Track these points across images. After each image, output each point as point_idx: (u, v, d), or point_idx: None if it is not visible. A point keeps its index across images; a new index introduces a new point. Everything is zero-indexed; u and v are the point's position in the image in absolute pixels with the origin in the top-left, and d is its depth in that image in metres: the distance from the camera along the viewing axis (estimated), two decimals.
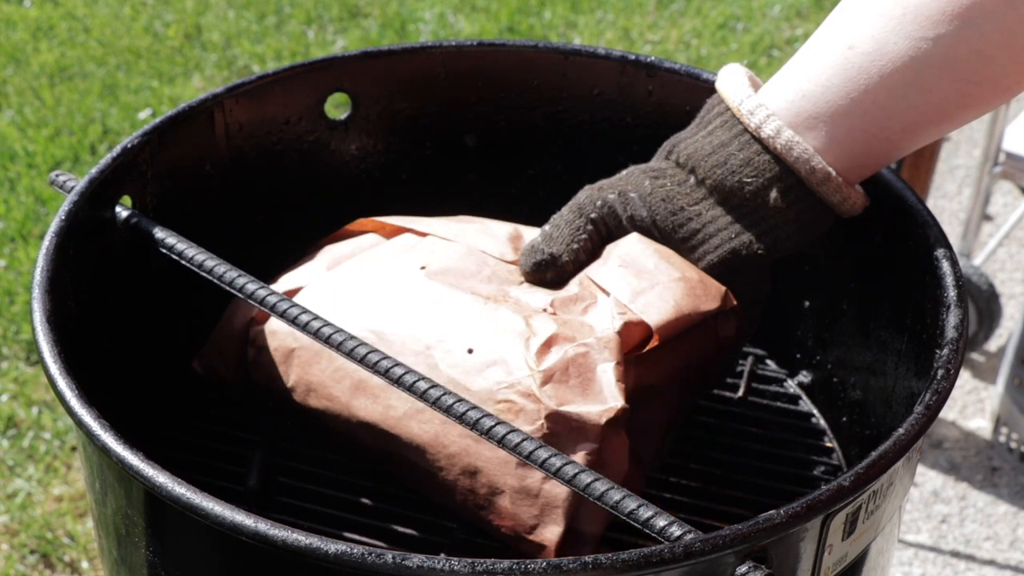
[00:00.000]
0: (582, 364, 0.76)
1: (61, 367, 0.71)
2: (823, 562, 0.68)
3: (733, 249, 0.82)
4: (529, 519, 0.76)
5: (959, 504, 1.68)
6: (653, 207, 0.82)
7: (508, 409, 0.75)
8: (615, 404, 0.75)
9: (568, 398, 0.76)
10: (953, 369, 0.73)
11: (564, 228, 0.84)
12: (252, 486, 0.89)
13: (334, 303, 0.84)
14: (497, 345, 0.78)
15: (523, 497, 0.76)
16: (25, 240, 2.16)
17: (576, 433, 0.75)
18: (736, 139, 0.80)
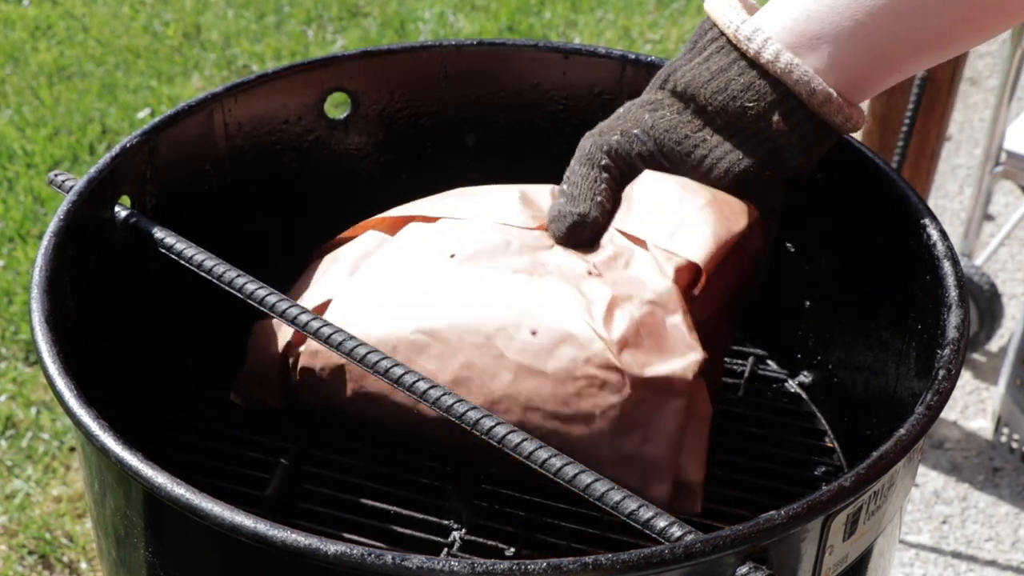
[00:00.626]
0: (650, 323, 0.76)
1: (60, 367, 0.71)
2: (824, 563, 0.68)
3: (743, 170, 0.82)
4: (634, 482, 0.76)
5: (960, 505, 1.68)
6: (658, 139, 0.82)
7: (590, 384, 0.75)
8: (696, 356, 0.76)
9: (648, 361, 0.76)
10: (954, 369, 0.73)
11: (581, 183, 0.83)
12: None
13: (372, 310, 0.82)
14: (559, 321, 0.77)
15: (623, 465, 0.76)
16: (24, 240, 2.16)
17: (664, 394, 0.75)
18: (735, 64, 0.80)
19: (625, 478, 0.74)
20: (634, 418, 0.75)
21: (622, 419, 0.75)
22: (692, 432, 0.77)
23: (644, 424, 0.76)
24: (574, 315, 0.77)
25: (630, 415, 0.75)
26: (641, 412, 0.75)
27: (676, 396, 0.75)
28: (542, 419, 0.76)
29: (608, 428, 0.76)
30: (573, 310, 0.77)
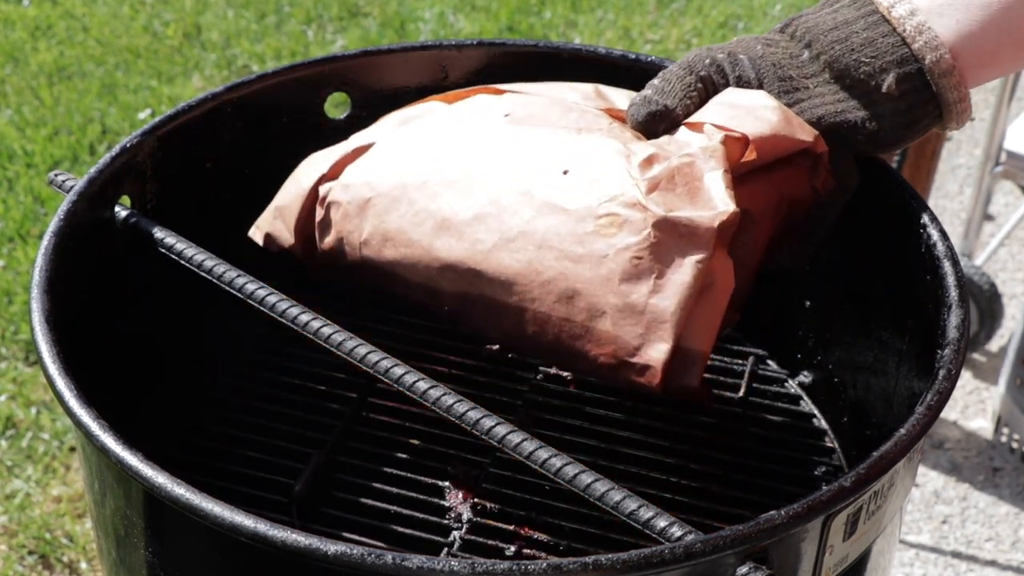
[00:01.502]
0: (688, 173, 0.73)
1: (60, 367, 0.71)
2: (824, 563, 0.68)
3: (835, 124, 0.79)
4: (633, 339, 0.73)
5: (960, 505, 1.68)
6: (762, 71, 0.81)
7: (611, 223, 0.73)
8: (728, 208, 0.72)
9: (676, 204, 0.72)
10: (954, 369, 0.73)
11: (676, 83, 0.81)
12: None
13: (410, 152, 0.82)
14: (595, 164, 0.76)
15: (627, 315, 0.73)
16: (24, 240, 2.16)
17: (686, 241, 0.72)
18: (863, 18, 0.79)
19: (625, 333, 0.72)
20: (648, 264, 0.72)
21: (635, 263, 0.72)
22: (708, 299, 0.73)
23: (658, 272, 0.72)
24: (611, 159, 0.75)
25: (645, 260, 0.72)
26: (657, 258, 0.72)
27: (698, 247, 0.72)
28: (553, 259, 0.74)
29: (619, 271, 0.73)
30: (610, 155, 0.75)
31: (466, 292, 0.78)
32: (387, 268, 0.82)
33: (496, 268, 0.76)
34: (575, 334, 0.75)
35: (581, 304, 0.74)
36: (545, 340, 0.76)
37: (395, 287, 0.83)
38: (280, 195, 0.88)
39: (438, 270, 0.79)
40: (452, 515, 0.87)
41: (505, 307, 0.77)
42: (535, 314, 0.76)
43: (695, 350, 0.73)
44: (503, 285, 0.76)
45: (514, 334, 0.78)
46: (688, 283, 0.72)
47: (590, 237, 0.73)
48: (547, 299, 0.75)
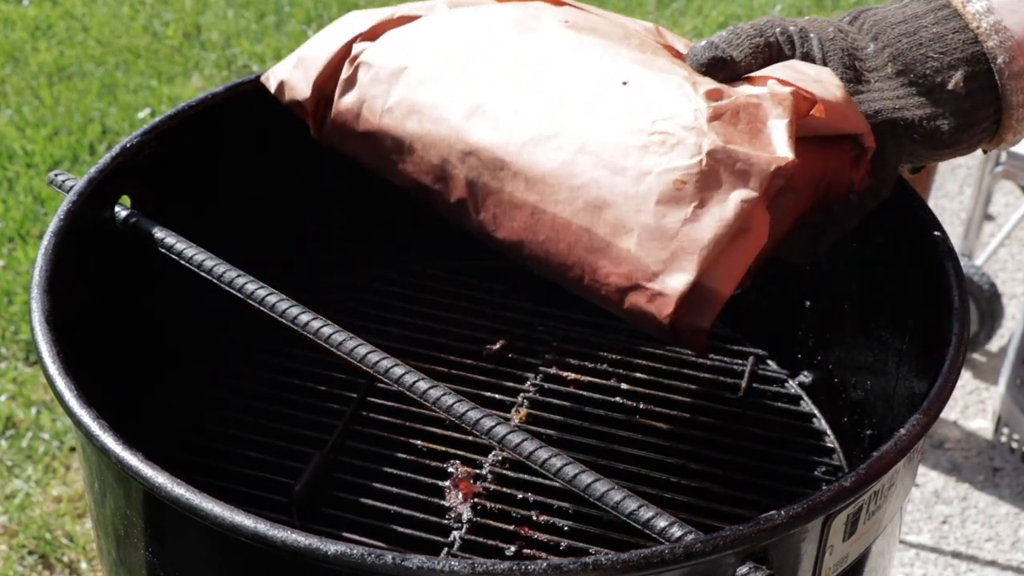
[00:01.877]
0: (753, 113, 0.70)
1: (60, 367, 0.71)
2: (824, 563, 0.68)
3: (892, 120, 0.77)
4: (654, 264, 0.69)
5: (960, 505, 1.68)
6: (829, 54, 0.78)
7: (663, 141, 0.69)
8: (786, 155, 0.69)
9: (735, 139, 0.69)
10: (954, 369, 0.73)
11: (744, 39, 0.78)
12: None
13: (458, 31, 0.80)
14: (656, 81, 0.72)
15: (655, 237, 0.69)
16: (24, 240, 2.16)
17: (737, 177, 0.68)
18: (933, 12, 0.77)
19: (647, 256, 0.69)
20: (692, 191, 0.69)
21: (679, 187, 0.69)
22: (740, 244, 0.69)
23: (699, 201, 0.69)
24: (673, 80, 0.72)
25: (689, 186, 0.69)
26: (703, 186, 0.69)
27: (748, 186, 0.68)
28: (591, 165, 0.71)
29: (659, 191, 0.69)
30: (673, 77, 0.72)
31: (483, 183, 0.75)
32: (404, 141, 0.79)
33: (526, 163, 0.73)
34: (593, 247, 0.71)
35: (609, 216, 0.70)
36: (555, 248, 0.73)
37: (404, 164, 0.80)
38: (307, 46, 0.85)
39: (460, 153, 0.76)
40: (452, 515, 0.87)
41: (522, 205, 0.74)
42: (554, 218, 0.72)
43: (715, 290, 0.69)
44: (529, 182, 0.73)
45: (522, 236, 0.75)
46: (728, 220, 0.68)
47: (637, 151, 0.70)
48: (573, 205, 0.71)
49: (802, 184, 0.75)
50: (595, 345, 1.03)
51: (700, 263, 0.68)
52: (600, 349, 1.02)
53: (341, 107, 0.83)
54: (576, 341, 1.03)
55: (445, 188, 0.78)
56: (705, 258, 0.68)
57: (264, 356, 1.02)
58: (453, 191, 0.78)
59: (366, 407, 0.97)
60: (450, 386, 0.87)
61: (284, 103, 0.86)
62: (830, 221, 0.81)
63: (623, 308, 0.71)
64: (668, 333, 0.70)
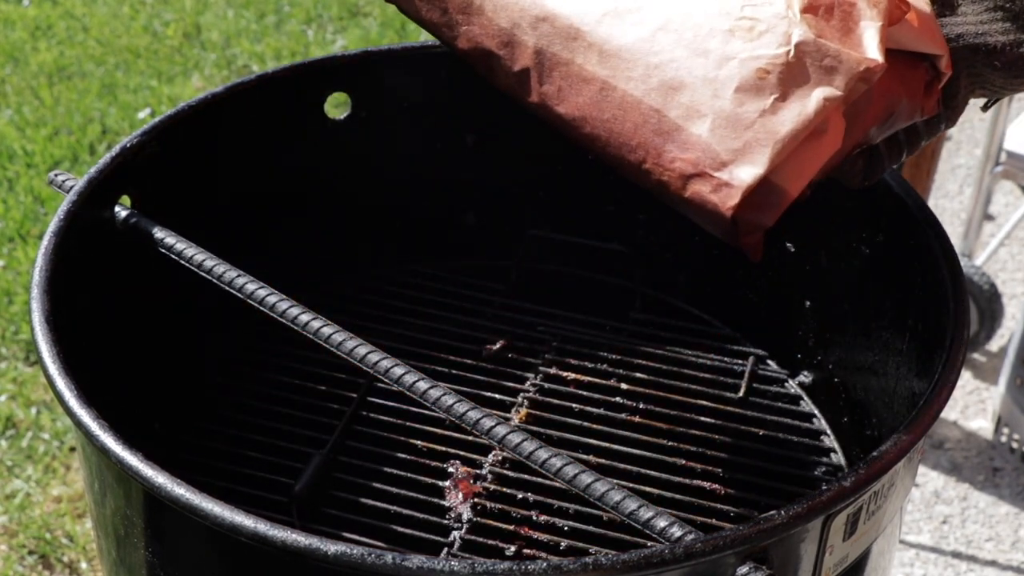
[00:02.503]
0: (847, 12, 0.68)
1: (60, 367, 0.71)
2: (824, 563, 0.68)
3: (974, 45, 0.74)
4: (724, 152, 0.66)
5: (960, 505, 1.68)
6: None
7: (751, 27, 0.67)
8: (876, 57, 0.67)
9: (827, 34, 0.67)
10: (954, 369, 0.73)
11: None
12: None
13: None
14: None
15: (729, 125, 0.67)
16: (24, 240, 2.16)
17: (824, 73, 0.66)
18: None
19: (719, 143, 0.66)
20: (775, 81, 0.66)
21: (762, 76, 0.66)
22: (814, 145, 0.67)
23: (781, 93, 0.66)
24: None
25: (772, 76, 0.66)
26: (787, 78, 0.66)
27: (834, 83, 0.66)
28: (671, 43, 0.69)
29: (739, 77, 0.67)
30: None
31: (553, 52, 0.73)
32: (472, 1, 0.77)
33: (603, 35, 0.70)
34: (661, 129, 0.68)
35: (683, 99, 0.68)
36: (620, 127, 0.70)
37: (470, 26, 0.77)
38: None
39: (533, 19, 0.73)
40: (452, 515, 0.87)
41: (592, 79, 0.71)
42: (624, 96, 0.70)
43: (782, 189, 0.66)
44: (603, 55, 0.71)
45: (586, 113, 0.72)
46: (808, 116, 0.66)
47: (722, 35, 0.67)
48: (646, 83, 0.69)
49: (878, 97, 0.72)
50: (595, 345, 1.03)
51: (772, 157, 0.65)
52: (600, 349, 1.02)
53: None
54: (576, 341, 1.03)
55: (510, 55, 0.75)
56: (778, 153, 0.65)
57: (264, 356, 1.02)
58: (518, 59, 0.75)
59: (366, 407, 0.97)
60: (450, 386, 0.87)
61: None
62: (891, 145, 0.78)
63: (683, 196, 0.68)
64: (727, 227, 0.67)
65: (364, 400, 0.97)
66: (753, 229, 0.67)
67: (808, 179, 0.67)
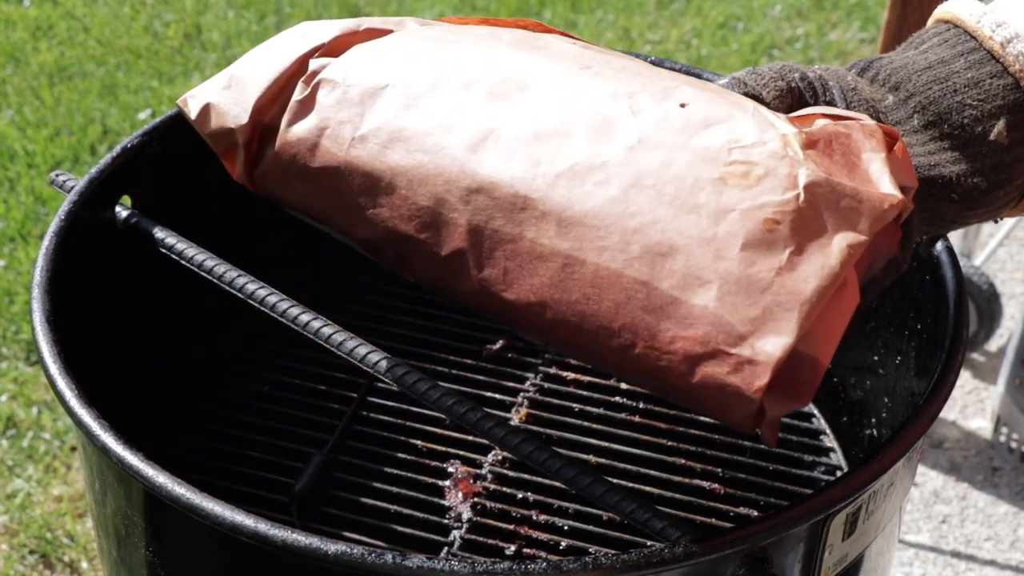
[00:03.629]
0: (846, 144, 0.59)
1: (61, 367, 0.71)
2: (823, 562, 0.68)
3: (928, 179, 0.67)
4: (740, 324, 0.55)
5: (959, 504, 1.68)
6: (852, 104, 0.68)
7: (745, 172, 0.57)
8: (894, 193, 0.57)
9: (835, 171, 0.57)
10: (953, 369, 0.73)
11: (768, 81, 0.68)
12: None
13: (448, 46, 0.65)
14: (722, 103, 0.60)
15: (741, 290, 0.55)
16: (25, 240, 2.16)
17: (843, 216, 0.56)
18: (963, 56, 0.68)
19: (733, 313, 0.55)
20: (787, 232, 0.56)
21: (771, 227, 0.56)
22: (840, 302, 0.56)
23: (796, 246, 0.56)
24: (744, 104, 0.60)
25: (784, 226, 0.56)
26: (801, 227, 0.56)
27: (856, 227, 0.56)
28: (650, 201, 0.57)
29: (745, 232, 0.56)
30: (744, 101, 0.60)
31: (493, 229, 0.60)
32: (381, 178, 0.63)
33: (559, 201, 0.58)
34: (652, 305, 0.56)
35: (676, 265, 0.56)
36: (594, 309, 0.58)
37: (377, 209, 0.64)
38: (242, 63, 0.68)
39: (463, 191, 0.60)
40: (452, 515, 0.87)
41: (550, 256, 0.59)
42: (597, 270, 0.58)
43: (815, 359, 0.55)
44: (562, 225, 0.58)
45: (545, 297, 0.59)
46: (835, 269, 0.55)
47: (712, 184, 0.57)
48: (625, 252, 0.57)
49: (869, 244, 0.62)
50: None
51: (801, 323, 0.54)
52: None
53: (291, 137, 0.66)
54: None
55: (435, 238, 0.62)
56: (806, 316, 0.54)
57: (264, 356, 1.02)
58: (447, 241, 0.62)
59: (366, 407, 0.97)
60: (450, 386, 0.87)
61: (205, 134, 0.68)
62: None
63: (690, 382, 0.56)
64: (750, 413, 0.56)
65: (364, 400, 0.97)
66: (783, 410, 0.56)
67: (837, 342, 0.56)
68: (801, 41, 2.73)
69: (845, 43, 2.70)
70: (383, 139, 0.63)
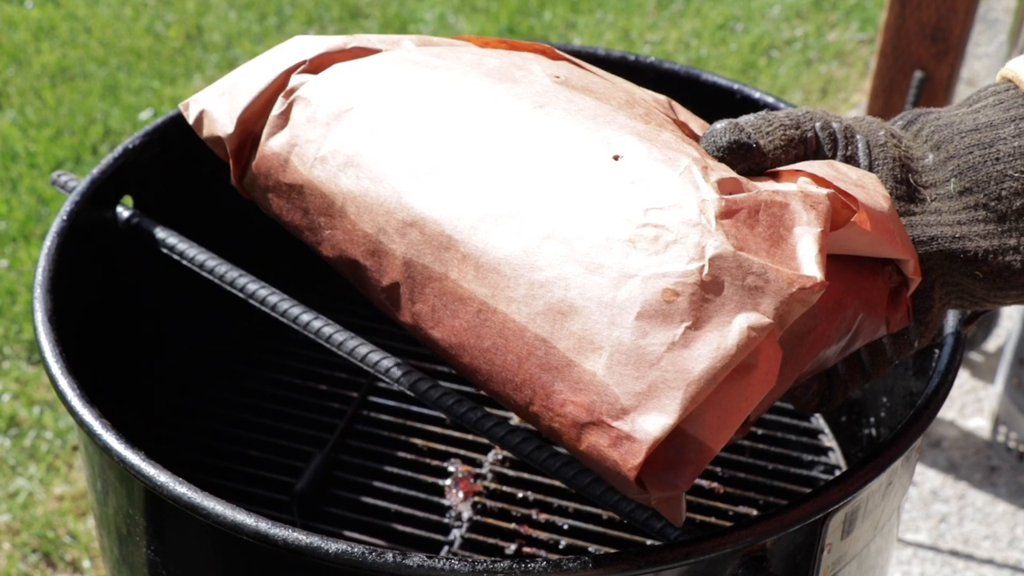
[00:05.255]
0: (777, 215, 0.56)
1: (62, 367, 0.71)
2: (822, 561, 0.68)
3: (951, 252, 0.62)
4: (624, 396, 0.53)
5: (958, 503, 1.69)
6: (877, 161, 0.63)
7: (655, 238, 0.55)
8: (813, 274, 0.54)
9: (750, 245, 0.55)
10: (952, 369, 0.73)
11: (776, 127, 0.63)
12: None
13: (420, 75, 0.65)
14: (657, 159, 0.58)
15: (630, 362, 0.53)
16: (27, 240, 2.16)
17: (747, 294, 0.53)
18: (1014, 123, 0.62)
19: (618, 385, 0.54)
20: (685, 306, 0.53)
21: (669, 298, 0.54)
22: (740, 386, 0.54)
23: (694, 321, 0.53)
24: (680, 161, 0.57)
25: (683, 299, 0.54)
26: (700, 302, 0.53)
27: (760, 308, 0.53)
28: (560, 255, 0.56)
29: (642, 301, 0.54)
30: (680, 158, 0.58)
31: (423, 265, 0.60)
32: (335, 201, 0.63)
33: (479, 245, 0.58)
34: (549, 364, 0.56)
35: (574, 326, 0.55)
36: (502, 360, 0.58)
37: (332, 231, 0.65)
38: (238, 73, 0.69)
39: (399, 223, 0.60)
40: (452, 514, 0.87)
41: (468, 299, 0.58)
42: (505, 321, 0.57)
43: (700, 443, 0.53)
44: (480, 269, 0.58)
45: (463, 340, 0.59)
46: (729, 351, 0.53)
47: (621, 246, 0.55)
48: (530, 305, 0.56)
49: (826, 315, 0.60)
50: None
51: (685, 404, 0.52)
52: None
53: (267, 151, 0.67)
54: None
55: (377, 266, 0.62)
56: (692, 398, 0.52)
57: (265, 356, 1.02)
58: (386, 271, 0.62)
59: (367, 406, 0.98)
60: (450, 385, 0.87)
61: (204, 139, 0.70)
62: (852, 367, 0.66)
63: (578, 448, 0.55)
64: (633, 489, 0.54)
65: (365, 399, 0.98)
66: (664, 491, 0.54)
67: (733, 429, 0.54)
68: (800, 42, 2.73)
69: (844, 44, 2.70)
70: (340, 162, 0.64)
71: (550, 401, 0.56)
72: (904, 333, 0.65)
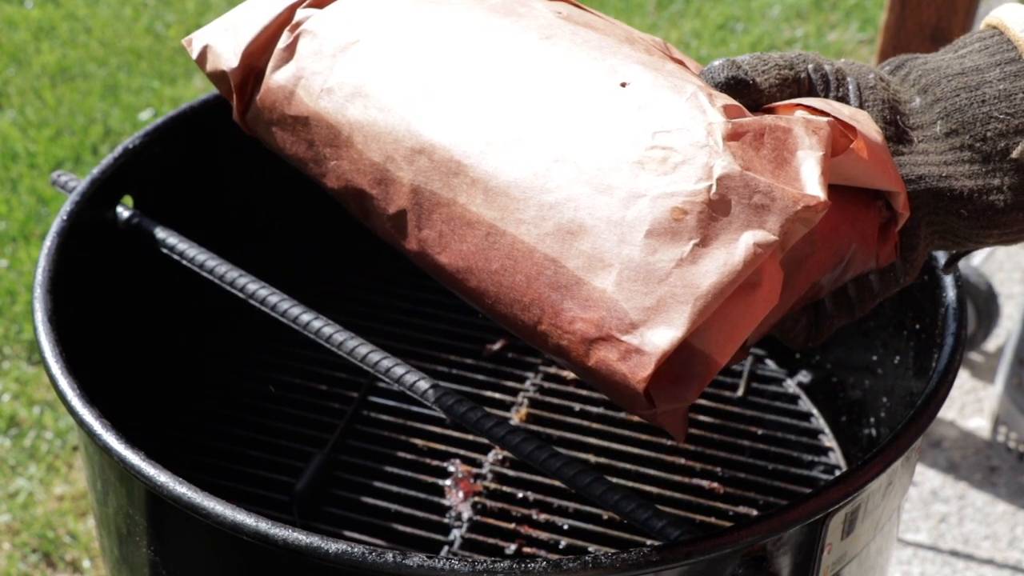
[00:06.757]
0: (781, 139, 0.57)
1: (62, 367, 0.71)
2: (822, 561, 0.68)
3: (937, 190, 0.64)
4: (633, 311, 0.54)
5: (958, 503, 1.69)
6: (868, 102, 0.65)
7: (664, 159, 0.56)
8: (816, 194, 0.55)
9: (756, 165, 0.56)
10: (952, 369, 0.73)
11: (772, 67, 0.65)
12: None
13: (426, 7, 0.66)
14: (663, 85, 0.59)
15: (639, 278, 0.55)
16: (27, 240, 2.16)
17: (754, 212, 0.54)
18: (999, 66, 0.64)
19: (628, 300, 0.55)
20: (694, 224, 0.55)
21: (678, 217, 0.55)
22: (745, 302, 0.55)
23: (702, 239, 0.54)
24: (684, 88, 0.58)
25: (691, 217, 0.55)
26: (708, 220, 0.55)
27: (766, 226, 0.54)
28: (569, 178, 0.57)
29: (651, 220, 0.55)
30: (686, 86, 0.59)
31: (431, 191, 0.61)
32: (341, 131, 0.64)
33: (488, 169, 0.59)
34: (558, 283, 0.57)
35: (584, 245, 0.56)
36: (510, 281, 0.58)
37: (339, 160, 0.65)
38: (240, 9, 0.70)
39: (408, 151, 0.61)
40: (452, 514, 0.87)
41: (477, 223, 0.59)
42: (514, 243, 0.58)
43: (706, 356, 0.55)
44: (488, 193, 0.59)
45: (471, 264, 0.60)
46: (736, 267, 0.54)
47: (630, 168, 0.56)
48: (540, 226, 0.57)
49: (823, 241, 0.61)
50: None
51: (693, 317, 0.53)
52: None
53: (272, 84, 0.67)
54: None
55: (384, 194, 0.63)
56: (700, 311, 0.53)
57: (265, 356, 1.02)
58: (393, 199, 0.63)
59: (367, 406, 0.98)
60: (450, 386, 0.87)
61: (207, 74, 0.70)
62: (839, 301, 0.68)
63: (587, 365, 0.56)
64: (641, 403, 0.55)
65: (365, 399, 0.98)
66: (671, 404, 0.55)
67: (739, 343, 0.55)
68: (800, 42, 2.73)
69: (844, 44, 2.70)
70: (346, 93, 0.65)
71: (559, 319, 0.57)
72: (891, 269, 0.67)
